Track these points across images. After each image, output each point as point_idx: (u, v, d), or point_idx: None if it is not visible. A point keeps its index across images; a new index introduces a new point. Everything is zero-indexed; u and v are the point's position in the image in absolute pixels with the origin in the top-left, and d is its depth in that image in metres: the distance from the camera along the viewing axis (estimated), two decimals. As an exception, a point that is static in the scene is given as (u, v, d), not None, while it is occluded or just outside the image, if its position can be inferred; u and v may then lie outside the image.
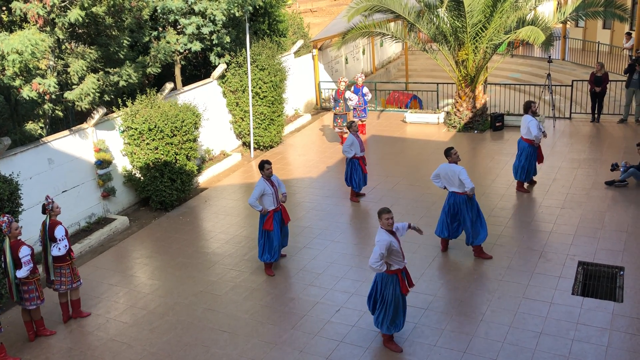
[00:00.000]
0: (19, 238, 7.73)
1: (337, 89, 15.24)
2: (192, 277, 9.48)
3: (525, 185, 11.70)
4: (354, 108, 15.35)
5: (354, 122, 11.83)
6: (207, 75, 15.71)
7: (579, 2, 14.99)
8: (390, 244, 6.88)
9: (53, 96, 10.75)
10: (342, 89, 15.11)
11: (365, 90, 15.59)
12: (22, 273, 7.61)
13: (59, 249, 8.08)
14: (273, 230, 9.15)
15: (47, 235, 8.11)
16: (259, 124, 15.32)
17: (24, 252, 7.58)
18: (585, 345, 7.03)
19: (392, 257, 6.99)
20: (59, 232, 8.08)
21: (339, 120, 15.17)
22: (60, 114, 11.54)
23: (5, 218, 7.62)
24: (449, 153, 9.21)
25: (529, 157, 11.27)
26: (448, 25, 15.22)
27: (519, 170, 11.40)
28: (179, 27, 14.34)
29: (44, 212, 8.21)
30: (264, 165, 9.15)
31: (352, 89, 15.55)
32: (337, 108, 15.13)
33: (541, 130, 11.20)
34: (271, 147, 15.87)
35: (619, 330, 7.25)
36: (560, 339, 7.17)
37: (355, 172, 11.63)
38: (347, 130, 12.78)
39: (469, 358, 7.00)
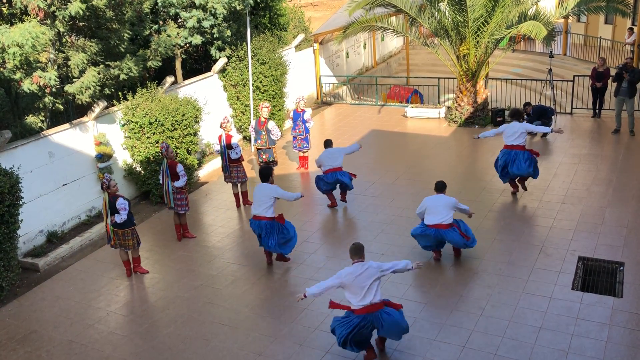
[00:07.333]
0: (175, 160, 10.13)
1: (259, 117, 12.16)
2: (192, 271, 9.49)
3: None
4: (294, 137, 13.19)
5: (330, 139, 11.33)
6: (208, 69, 15.67)
7: (580, -3, 14.96)
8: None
9: (53, 89, 10.73)
10: (264, 118, 12.02)
11: (307, 115, 13.07)
12: (180, 183, 10.01)
13: None
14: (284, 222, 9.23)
15: None
16: (259, 118, 15.29)
17: (180, 168, 10.00)
18: (584, 340, 7.05)
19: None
20: None
21: (264, 156, 12.18)
22: (61, 107, 11.52)
23: (163, 144, 9.95)
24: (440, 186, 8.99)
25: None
26: (449, 19, 15.19)
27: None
28: (179, 20, 14.31)
29: None
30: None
31: (292, 114, 13.27)
32: (259, 141, 12.13)
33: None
34: (272, 141, 15.83)
35: (619, 325, 7.26)
36: (560, 334, 7.19)
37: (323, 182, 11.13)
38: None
39: (469, 352, 7.02)
